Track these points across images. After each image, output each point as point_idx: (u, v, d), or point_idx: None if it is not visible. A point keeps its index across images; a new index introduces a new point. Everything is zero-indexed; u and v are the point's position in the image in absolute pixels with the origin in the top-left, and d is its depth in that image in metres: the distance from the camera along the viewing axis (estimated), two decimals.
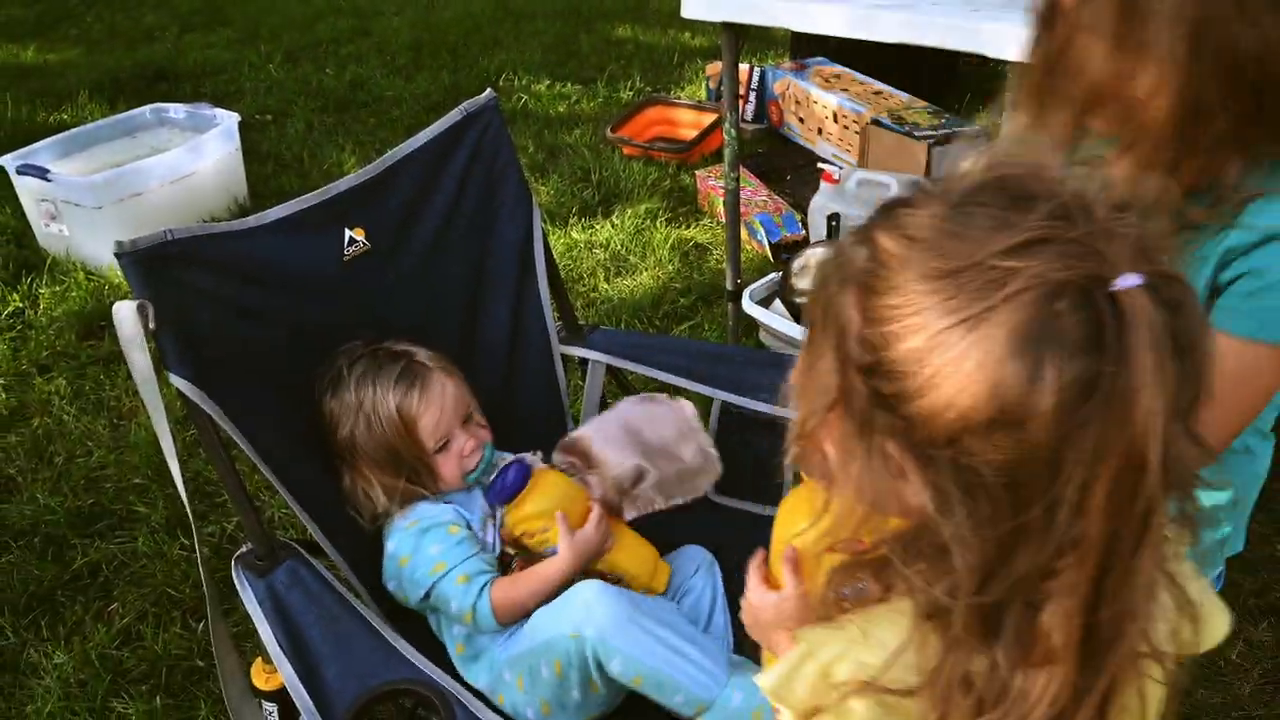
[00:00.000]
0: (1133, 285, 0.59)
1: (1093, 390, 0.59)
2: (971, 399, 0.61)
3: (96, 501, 2.43)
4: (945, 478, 0.64)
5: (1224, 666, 1.99)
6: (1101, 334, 0.59)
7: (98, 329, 3.07)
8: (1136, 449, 0.60)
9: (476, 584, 1.46)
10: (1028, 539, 0.63)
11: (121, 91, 4.87)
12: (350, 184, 1.62)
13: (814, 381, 0.72)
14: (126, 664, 2.03)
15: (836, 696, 0.72)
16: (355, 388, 1.54)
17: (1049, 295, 0.59)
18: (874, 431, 0.68)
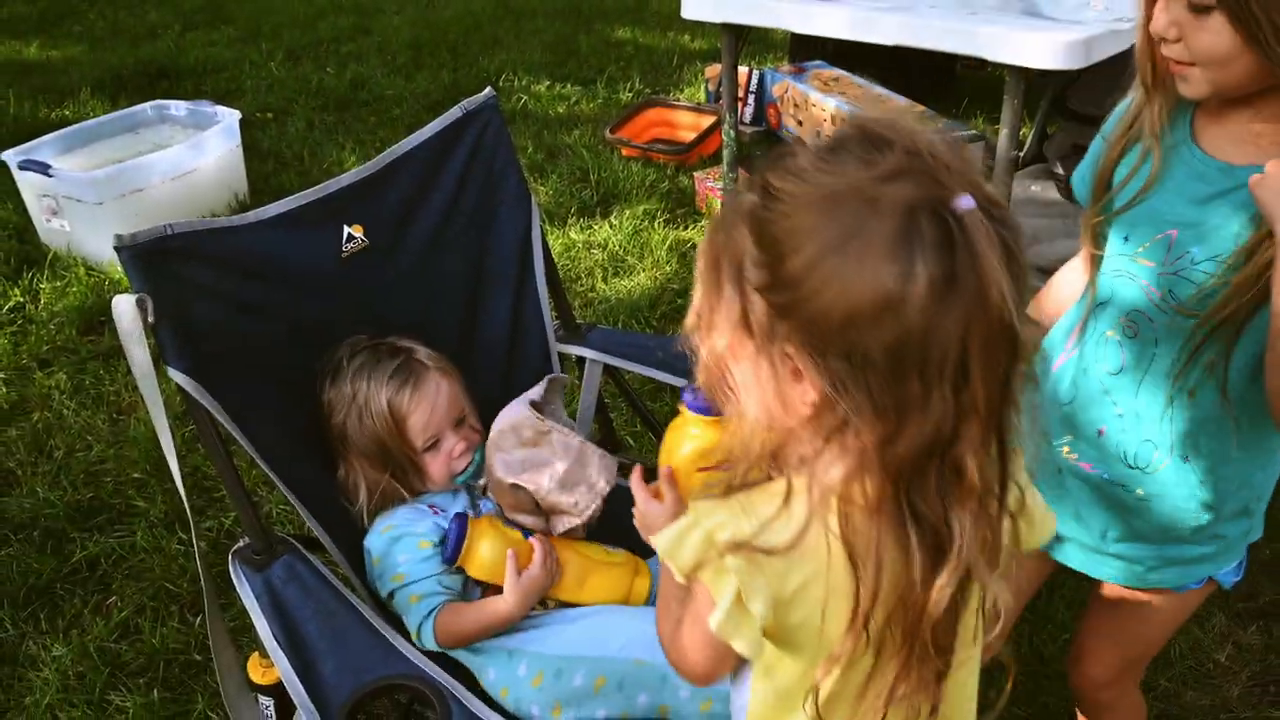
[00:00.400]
0: (970, 206, 0.75)
1: (954, 280, 0.74)
2: (857, 295, 0.75)
3: (96, 495, 2.44)
4: (840, 362, 0.79)
5: (1213, 669, 2.00)
6: (953, 238, 0.75)
7: (98, 324, 3.08)
8: (1001, 323, 0.75)
9: (426, 605, 1.47)
10: (916, 406, 0.78)
11: (124, 88, 4.89)
12: (349, 180, 1.63)
13: (717, 314, 0.86)
14: (124, 657, 2.04)
15: (715, 555, 0.87)
16: (351, 379, 1.56)
17: (910, 211, 0.75)
18: (774, 340, 0.82)
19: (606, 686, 1.38)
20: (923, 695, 0.90)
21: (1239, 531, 1.28)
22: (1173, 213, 1.11)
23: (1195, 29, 1.00)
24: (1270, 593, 2.16)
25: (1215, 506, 1.22)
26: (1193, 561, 1.29)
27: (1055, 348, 1.31)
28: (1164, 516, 1.24)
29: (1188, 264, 1.10)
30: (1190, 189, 1.10)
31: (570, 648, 1.43)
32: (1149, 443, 1.20)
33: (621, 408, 2.56)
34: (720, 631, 0.89)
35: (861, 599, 0.85)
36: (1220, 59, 1.00)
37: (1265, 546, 2.26)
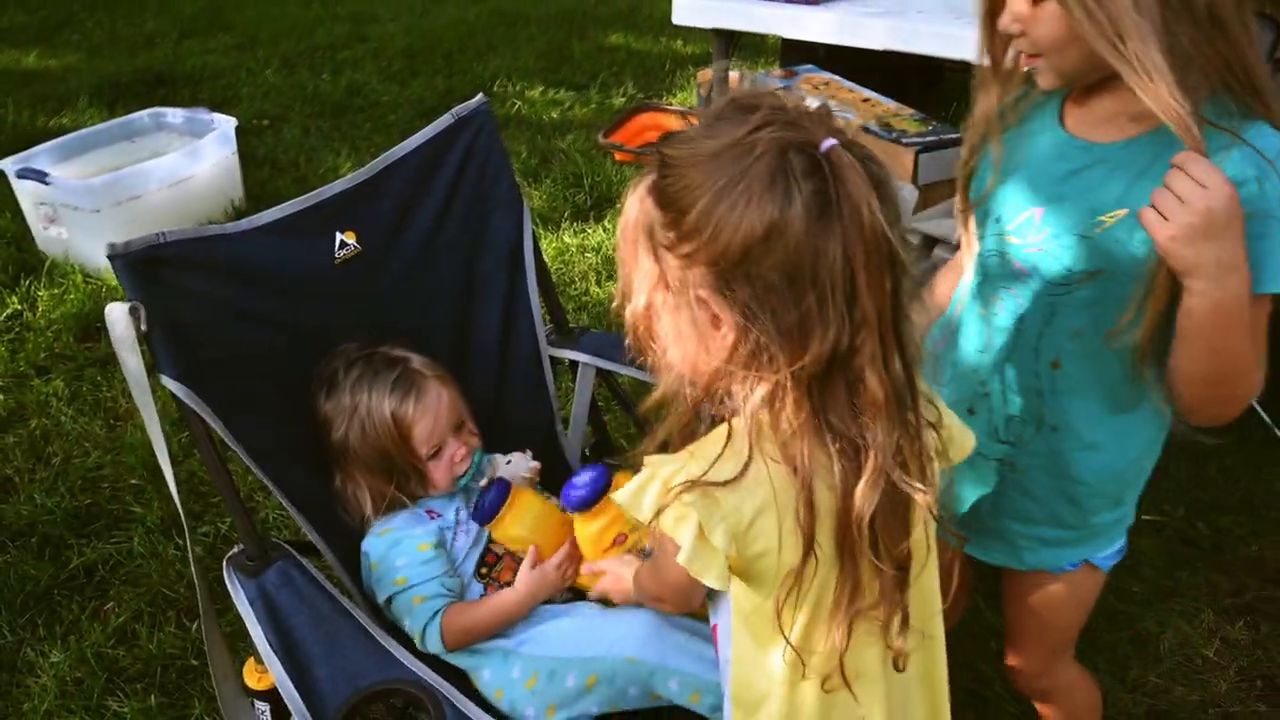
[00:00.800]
0: (832, 144, 0.87)
1: (828, 204, 0.85)
2: (748, 227, 0.87)
3: (93, 502, 2.45)
4: (744, 292, 0.89)
5: (1201, 664, 2.02)
6: (822, 169, 0.86)
7: (95, 331, 3.09)
8: (878, 242, 0.86)
9: (431, 607, 1.49)
10: (814, 321, 0.88)
11: (121, 96, 4.90)
12: (342, 187, 1.65)
13: (637, 282, 0.98)
14: (122, 663, 2.05)
15: (670, 497, 0.97)
16: (351, 391, 1.57)
17: (782, 151, 0.87)
18: (687, 287, 0.93)
19: (598, 684, 1.40)
20: (889, 608, 0.99)
21: (1111, 518, 1.31)
22: (1038, 191, 1.18)
23: (1033, 22, 1.07)
24: (1257, 588, 2.18)
25: (1083, 482, 1.26)
26: (1066, 544, 1.32)
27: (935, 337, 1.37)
28: (1036, 492, 1.28)
29: (1050, 239, 1.15)
30: (1054, 168, 1.16)
31: (563, 649, 1.45)
32: (1016, 419, 1.25)
33: (615, 411, 2.57)
34: (690, 567, 0.98)
35: (800, 515, 0.94)
36: (1057, 46, 1.07)
37: (1252, 543, 2.28)
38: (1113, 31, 0.99)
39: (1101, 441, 1.23)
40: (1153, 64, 0.98)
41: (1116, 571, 2.18)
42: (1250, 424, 2.56)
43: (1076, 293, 1.15)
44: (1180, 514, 2.37)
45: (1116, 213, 1.11)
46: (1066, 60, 1.09)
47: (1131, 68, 0.99)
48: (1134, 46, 0.98)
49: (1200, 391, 1.10)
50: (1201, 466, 2.49)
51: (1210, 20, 1.00)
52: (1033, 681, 1.52)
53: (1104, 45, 1.00)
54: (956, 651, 1.22)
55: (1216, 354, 1.05)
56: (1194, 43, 1.00)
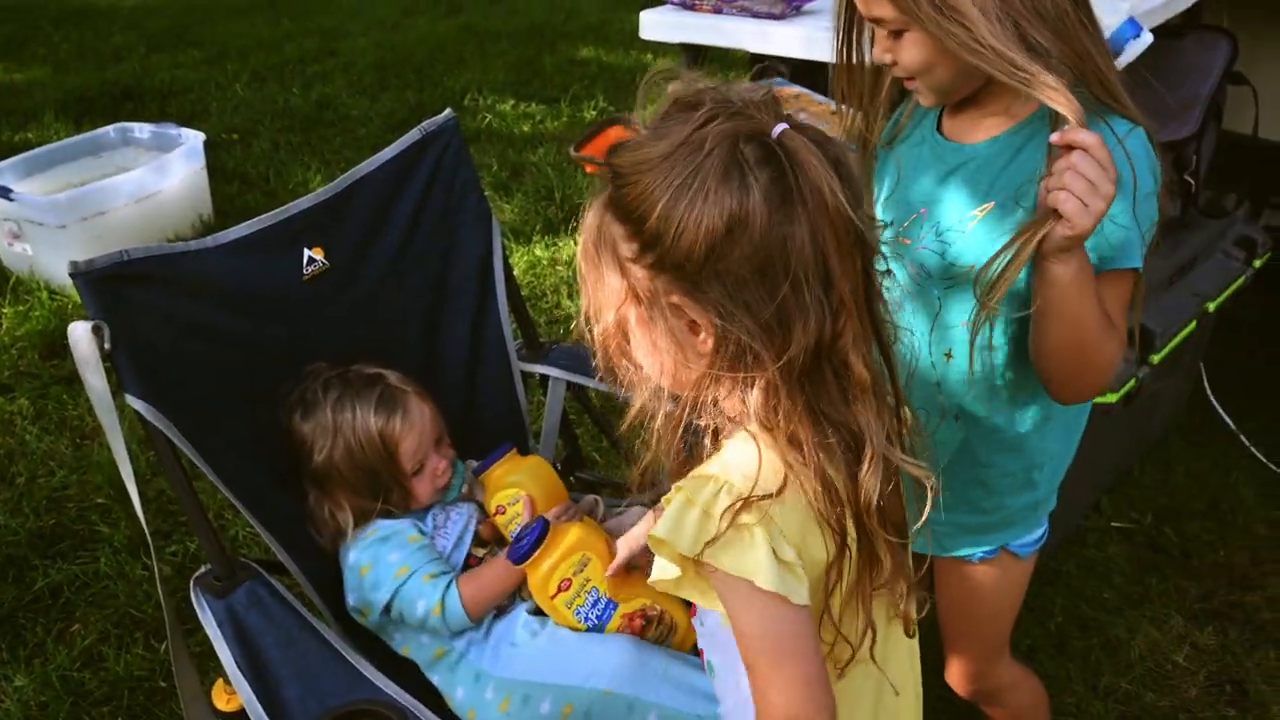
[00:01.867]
0: (783, 129, 0.86)
1: (788, 190, 0.84)
2: (709, 223, 0.85)
3: (58, 522, 2.42)
4: (717, 291, 0.88)
5: (1171, 670, 2.04)
6: (777, 155, 0.85)
7: (60, 348, 3.06)
8: (844, 223, 0.86)
9: (444, 580, 1.48)
10: (792, 310, 0.87)
11: (88, 111, 4.86)
12: (309, 204, 1.63)
13: (603, 298, 0.96)
14: (88, 685, 2.03)
15: (725, 524, 0.90)
16: (332, 411, 1.55)
17: (733, 142, 0.85)
18: (658, 296, 0.91)
19: (574, 715, 1.39)
20: (899, 576, 1.00)
21: (1024, 501, 1.34)
22: (922, 193, 1.26)
23: (900, 50, 1.15)
24: (1225, 594, 2.20)
25: (989, 465, 1.30)
26: (983, 530, 1.36)
27: None
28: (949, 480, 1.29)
29: (932, 235, 1.23)
30: (934, 170, 1.25)
31: (537, 673, 1.43)
32: (920, 411, 1.28)
33: (586, 424, 2.57)
34: (781, 588, 0.90)
35: (826, 509, 0.92)
36: (927, 67, 1.15)
37: (1220, 549, 2.31)
38: (973, 41, 1.05)
39: (1000, 425, 1.28)
40: (1017, 62, 1.05)
41: (1086, 578, 2.23)
42: (1216, 430, 2.60)
43: (962, 287, 1.21)
44: (1149, 520, 2.39)
45: (985, 206, 1.18)
46: (938, 78, 1.17)
47: (999, 69, 1.06)
48: (996, 49, 1.05)
49: (1065, 362, 1.14)
50: (1169, 473, 2.52)
51: (1057, 18, 1.08)
52: (974, 684, 1.53)
53: (971, 55, 1.06)
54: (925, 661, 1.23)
55: (1077, 322, 1.09)
56: (1049, 41, 1.07)
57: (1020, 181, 1.16)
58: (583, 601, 1.47)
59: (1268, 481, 2.48)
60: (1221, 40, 2.20)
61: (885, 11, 1.12)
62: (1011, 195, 1.16)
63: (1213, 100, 2.17)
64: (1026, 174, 1.15)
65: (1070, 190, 0.99)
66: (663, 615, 1.51)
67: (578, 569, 1.48)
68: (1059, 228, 1.01)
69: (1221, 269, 2.29)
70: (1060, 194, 1.00)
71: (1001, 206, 1.17)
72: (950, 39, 1.07)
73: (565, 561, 1.47)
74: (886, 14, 1.12)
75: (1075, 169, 0.99)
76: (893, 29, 1.14)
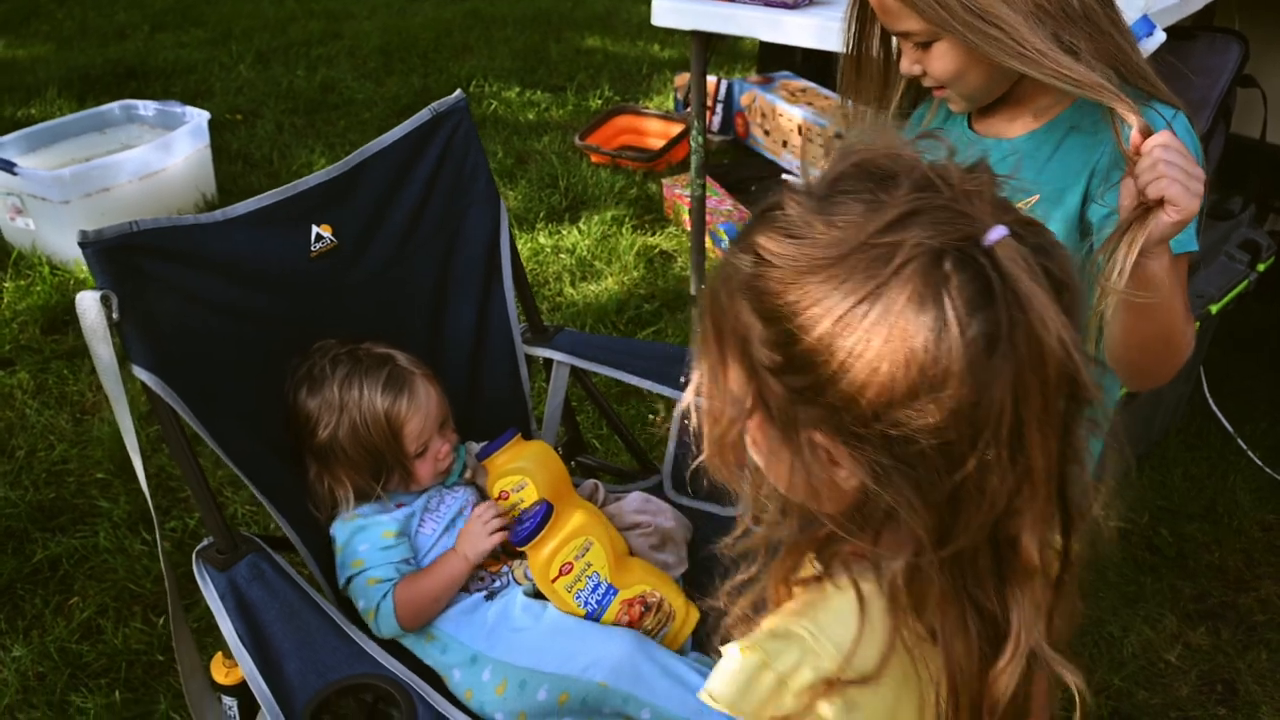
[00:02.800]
0: (1001, 236, 0.64)
1: (997, 339, 0.63)
2: (888, 371, 0.64)
3: (58, 495, 2.42)
4: (879, 452, 0.67)
5: (1164, 669, 2.05)
6: (990, 286, 0.63)
7: (62, 323, 3.06)
8: (1060, 376, 0.65)
9: (383, 587, 1.48)
10: (971, 491, 0.67)
11: (91, 88, 4.85)
12: (319, 180, 1.63)
13: (724, 395, 0.75)
14: (86, 658, 2.03)
15: (801, 705, 0.74)
16: (339, 388, 1.55)
17: (933, 260, 0.64)
18: (799, 427, 0.71)
19: (570, 703, 1.39)
20: None
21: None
22: None
23: (929, 60, 1.15)
24: (1219, 594, 2.21)
25: None
26: None
27: None
28: None
29: None
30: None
31: (535, 660, 1.43)
32: None
33: (588, 410, 2.58)
34: None
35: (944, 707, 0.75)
36: (958, 75, 1.15)
37: (1215, 551, 2.32)
38: (1016, 44, 1.05)
39: None
40: (1062, 62, 1.05)
41: (1081, 576, 2.23)
42: (1214, 433, 2.61)
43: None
44: (1145, 521, 2.40)
45: (1029, 200, 1.17)
46: (969, 85, 1.17)
47: (1044, 71, 1.05)
48: (1041, 49, 1.05)
49: (1154, 351, 1.14)
50: (1166, 474, 2.53)
51: (1086, 17, 1.08)
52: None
53: (1015, 60, 1.06)
54: None
55: (1170, 311, 1.09)
56: (1082, 39, 1.07)
57: (1063, 176, 1.16)
58: (583, 586, 1.48)
59: (1264, 485, 2.49)
60: (1233, 43, 2.21)
61: (913, 25, 1.11)
62: (1055, 189, 1.16)
63: (1222, 103, 2.17)
64: (1070, 169, 1.15)
65: (1171, 177, 0.99)
66: (662, 602, 1.52)
67: (580, 553, 1.48)
68: (1165, 214, 0.99)
69: (1225, 272, 2.30)
70: (1162, 182, 0.99)
71: (1046, 199, 1.16)
72: (991, 45, 1.06)
73: (568, 545, 1.48)
74: (915, 26, 1.12)
75: (1166, 160, 0.99)
76: (920, 40, 1.14)
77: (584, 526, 1.50)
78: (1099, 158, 1.14)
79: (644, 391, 1.85)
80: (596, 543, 1.51)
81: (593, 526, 1.52)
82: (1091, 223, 1.15)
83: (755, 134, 4.11)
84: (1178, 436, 2.64)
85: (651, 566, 1.58)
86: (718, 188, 3.68)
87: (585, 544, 1.49)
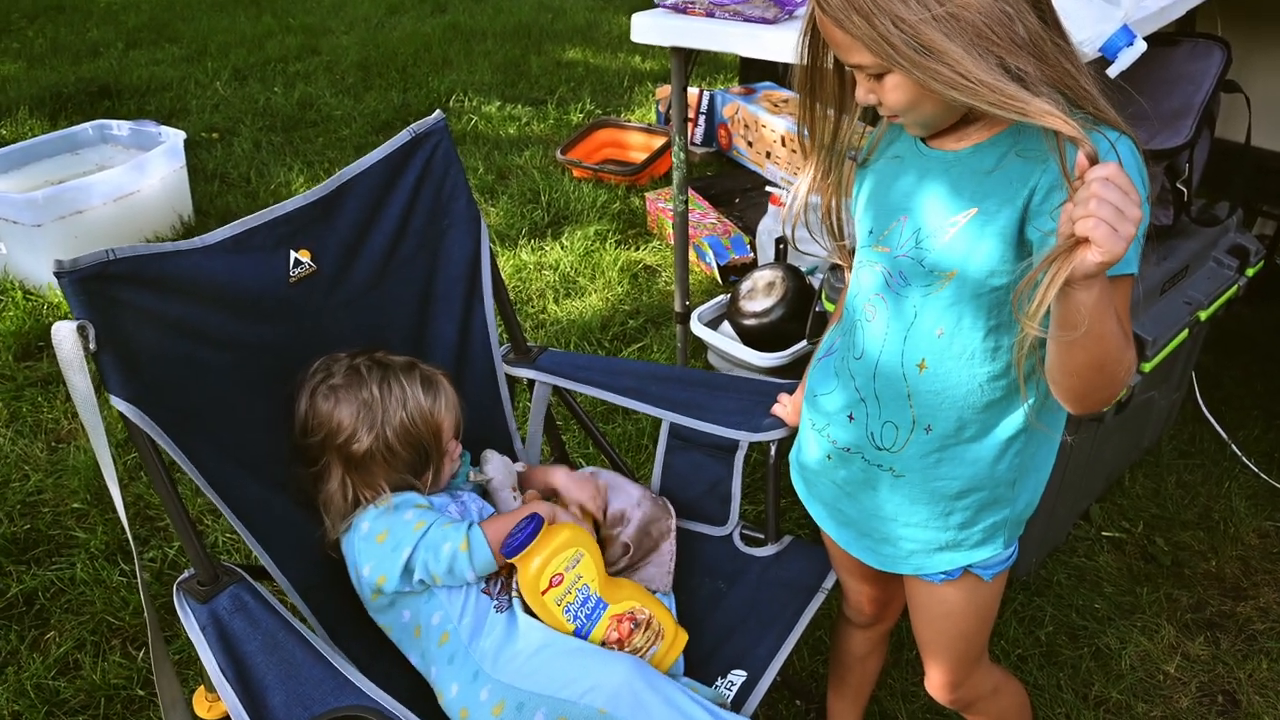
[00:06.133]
0: None
1: None
2: None
3: (33, 527, 2.37)
4: None
5: (1163, 680, 2.03)
6: None
7: (36, 349, 3.00)
8: None
9: (465, 523, 1.49)
10: None
11: (64, 108, 4.80)
12: (297, 205, 1.61)
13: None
14: (64, 694, 1.98)
15: None
16: (379, 389, 1.56)
17: None
18: None
19: None
20: None
21: (993, 521, 1.34)
22: (902, 198, 1.26)
23: (883, 91, 1.16)
24: (1217, 603, 2.19)
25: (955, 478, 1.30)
26: (947, 548, 1.35)
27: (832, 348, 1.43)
28: (916, 495, 1.32)
29: (912, 242, 1.24)
30: (914, 175, 1.26)
31: (535, 683, 1.41)
32: (890, 424, 1.30)
33: (573, 429, 2.55)
34: None
35: None
36: (911, 105, 1.15)
37: (1211, 559, 2.30)
38: (960, 78, 1.05)
39: (970, 438, 1.28)
40: (1007, 91, 1.05)
41: (1076, 588, 2.22)
42: (1207, 440, 2.60)
43: (938, 294, 1.22)
44: (1140, 530, 2.39)
45: (968, 212, 1.18)
46: (923, 114, 1.17)
47: (990, 101, 1.05)
48: (986, 82, 1.05)
49: (1087, 379, 1.14)
50: (1160, 482, 2.51)
51: (1033, 43, 1.08)
52: (953, 693, 1.53)
53: (959, 92, 1.06)
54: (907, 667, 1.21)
55: (1101, 339, 1.08)
56: (1030, 65, 1.07)
57: (1003, 190, 1.16)
58: (572, 599, 1.46)
59: (1259, 491, 2.48)
60: (1215, 48, 2.20)
61: (864, 59, 1.12)
62: (995, 203, 1.17)
63: (1206, 108, 2.16)
64: (1012, 180, 1.16)
65: (1099, 217, 0.98)
66: (651, 620, 1.50)
67: (570, 564, 1.47)
68: (1090, 254, 0.99)
69: (1214, 277, 2.29)
70: (1089, 221, 0.98)
71: (984, 213, 1.17)
72: (936, 79, 1.06)
73: (558, 556, 1.47)
74: (866, 60, 1.12)
75: (1099, 196, 0.98)
76: (872, 73, 1.15)
77: (574, 538, 1.50)
78: (1040, 177, 1.14)
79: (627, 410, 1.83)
80: (587, 554, 1.50)
81: (583, 539, 1.52)
82: (1032, 242, 1.16)
83: (739, 145, 4.10)
84: (1171, 444, 2.63)
85: (640, 585, 1.56)
86: (701, 201, 3.67)
87: (576, 555, 1.49)
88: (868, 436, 1.32)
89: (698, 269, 3.48)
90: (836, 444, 1.37)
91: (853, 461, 1.35)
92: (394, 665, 1.55)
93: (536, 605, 1.46)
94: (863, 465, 1.35)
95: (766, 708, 1.97)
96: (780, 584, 1.66)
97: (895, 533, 1.37)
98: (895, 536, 1.38)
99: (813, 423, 1.42)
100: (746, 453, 1.76)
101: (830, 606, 2.14)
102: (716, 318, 2.83)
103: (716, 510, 1.79)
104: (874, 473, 1.34)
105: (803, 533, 2.37)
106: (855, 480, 1.37)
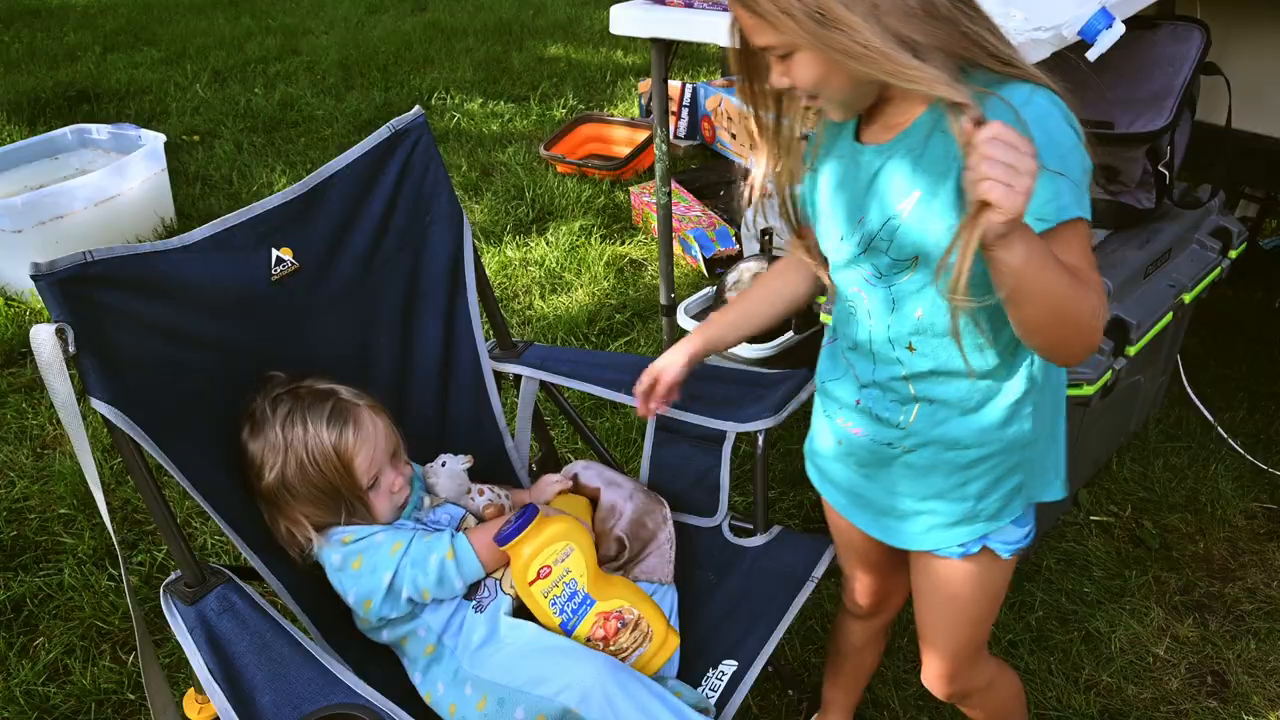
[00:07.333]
0: None
1: None
2: None
3: (20, 533, 2.36)
4: None
5: (1152, 663, 2.03)
6: None
7: (19, 356, 2.98)
8: None
9: (446, 532, 1.49)
10: None
11: (42, 112, 4.76)
12: (277, 203, 1.60)
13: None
14: (54, 700, 1.97)
15: None
16: (282, 428, 1.51)
17: None
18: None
19: None
20: None
21: (1005, 489, 1.34)
22: (854, 201, 1.28)
23: (793, 71, 1.16)
24: (1205, 586, 2.20)
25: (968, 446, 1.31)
26: (962, 521, 1.35)
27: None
28: (927, 467, 1.34)
29: (874, 237, 1.25)
30: (859, 176, 1.27)
31: (514, 679, 1.41)
32: (894, 404, 1.32)
33: (561, 424, 2.54)
34: None
35: None
36: (823, 83, 1.16)
37: (1199, 541, 2.31)
38: (857, 46, 1.07)
39: (974, 408, 1.29)
40: (899, 60, 1.07)
41: (1065, 572, 2.22)
42: (1193, 422, 2.61)
43: (909, 279, 1.23)
44: (1128, 513, 2.39)
45: (912, 196, 1.19)
46: (836, 91, 1.18)
47: (884, 70, 1.07)
48: (880, 49, 1.07)
49: (1052, 334, 1.14)
50: (1147, 466, 2.52)
51: (927, 13, 1.09)
52: (950, 685, 1.53)
53: (856, 60, 1.08)
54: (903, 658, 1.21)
55: (1046, 294, 1.09)
56: (927, 34, 1.09)
57: (937, 164, 1.17)
58: (560, 592, 1.46)
59: (1246, 473, 2.49)
60: (1194, 31, 2.21)
61: (770, 38, 1.13)
62: (931, 182, 1.18)
63: (1186, 91, 2.17)
64: (941, 155, 1.17)
65: (993, 178, 0.98)
66: (639, 621, 1.49)
67: (560, 558, 1.47)
68: (993, 216, 0.99)
69: (1197, 260, 2.30)
70: (983, 184, 0.99)
71: (927, 192, 1.18)
72: (835, 48, 1.08)
73: (548, 548, 1.47)
74: (771, 40, 1.14)
75: (989, 157, 0.98)
76: (780, 54, 1.16)
77: (566, 532, 1.49)
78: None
79: (616, 404, 1.82)
80: (578, 549, 1.49)
81: (576, 534, 1.50)
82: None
83: (722, 137, 4.09)
84: (1157, 427, 2.64)
85: (635, 585, 1.55)
86: (686, 194, 3.66)
87: (566, 549, 1.48)
88: (877, 419, 1.34)
89: (683, 262, 3.48)
90: (849, 428, 1.38)
91: (866, 444, 1.36)
92: (387, 665, 1.55)
93: (524, 595, 1.47)
94: (876, 446, 1.36)
95: (759, 698, 1.97)
96: (770, 574, 1.66)
97: (914, 508, 1.38)
98: (914, 512, 1.38)
99: (824, 410, 1.43)
100: (735, 444, 1.75)
101: (821, 597, 2.14)
102: (703, 310, 2.83)
103: (705, 501, 1.79)
104: (888, 452, 1.35)
105: (792, 523, 2.37)
106: (871, 462, 1.38)
